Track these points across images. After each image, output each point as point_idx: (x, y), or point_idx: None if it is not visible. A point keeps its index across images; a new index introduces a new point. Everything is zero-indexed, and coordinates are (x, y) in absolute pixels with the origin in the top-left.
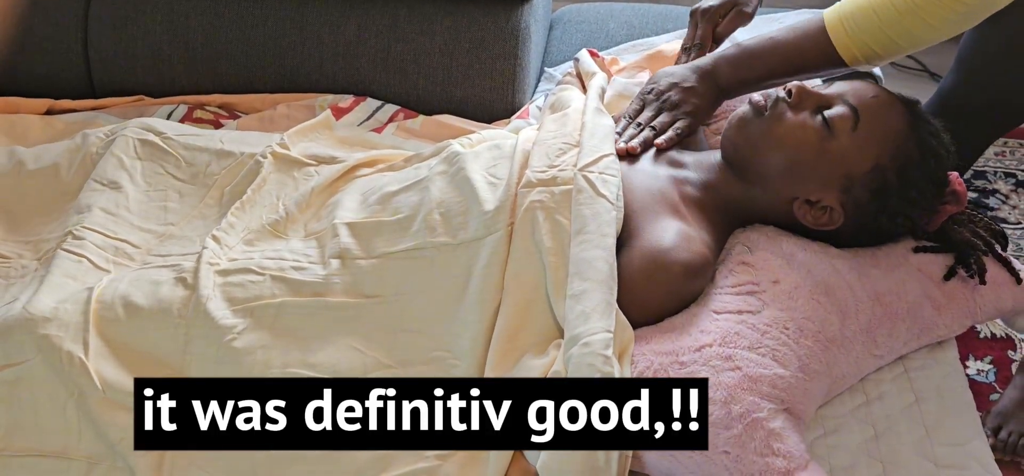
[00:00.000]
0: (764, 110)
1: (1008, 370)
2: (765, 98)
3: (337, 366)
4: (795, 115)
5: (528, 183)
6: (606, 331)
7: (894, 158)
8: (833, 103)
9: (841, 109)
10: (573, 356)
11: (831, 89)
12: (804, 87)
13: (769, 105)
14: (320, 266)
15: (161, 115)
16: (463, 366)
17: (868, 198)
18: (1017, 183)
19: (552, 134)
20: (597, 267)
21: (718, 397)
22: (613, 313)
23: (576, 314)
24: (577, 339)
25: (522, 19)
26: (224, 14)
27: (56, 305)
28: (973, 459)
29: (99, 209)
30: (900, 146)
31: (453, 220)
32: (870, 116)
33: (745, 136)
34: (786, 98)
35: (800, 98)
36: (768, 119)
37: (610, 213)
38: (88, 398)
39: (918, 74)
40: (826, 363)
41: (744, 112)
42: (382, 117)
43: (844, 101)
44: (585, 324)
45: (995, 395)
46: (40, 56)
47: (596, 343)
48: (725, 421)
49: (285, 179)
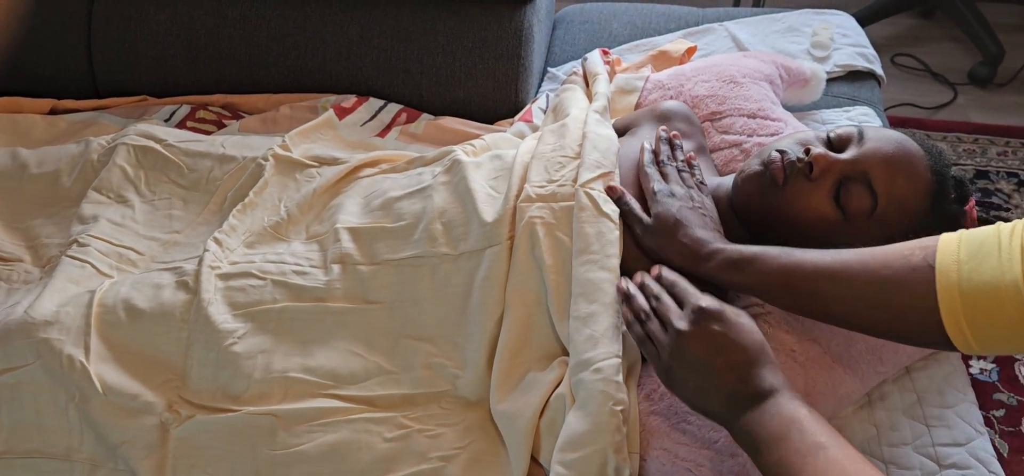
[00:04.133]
0: (782, 181)
1: (1011, 369)
2: (784, 166)
3: (338, 371)
4: (812, 191)
5: (527, 198)
6: (616, 357)
7: (907, 234)
8: (855, 177)
9: (860, 192)
10: (584, 381)
11: (855, 154)
12: (826, 158)
13: (788, 174)
14: (321, 271)
15: (164, 115)
16: (465, 376)
17: None
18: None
19: (551, 147)
20: (604, 289)
21: None
22: (621, 337)
23: (584, 338)
24: (588, 364)
25: (525, 19)
26: (227, 14)
27: (57, 309)
28: (976, 459)
29: (106, 220)
30: (916, 223)
31: (454, 231)
32: (889, 202)
33: (759, 202)
34: (806, 172)
35: (821, 172)
36: (785, 192)
37: (614, 233)
38: (89, 401)
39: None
40: (832, 384)
41: (760, 174)
42: (385, 117)
43: (866, 181)
44: (594, 349)
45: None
46: (44, 56)
47: (608, 369)
48: (730, 448)
49: (287, 181)
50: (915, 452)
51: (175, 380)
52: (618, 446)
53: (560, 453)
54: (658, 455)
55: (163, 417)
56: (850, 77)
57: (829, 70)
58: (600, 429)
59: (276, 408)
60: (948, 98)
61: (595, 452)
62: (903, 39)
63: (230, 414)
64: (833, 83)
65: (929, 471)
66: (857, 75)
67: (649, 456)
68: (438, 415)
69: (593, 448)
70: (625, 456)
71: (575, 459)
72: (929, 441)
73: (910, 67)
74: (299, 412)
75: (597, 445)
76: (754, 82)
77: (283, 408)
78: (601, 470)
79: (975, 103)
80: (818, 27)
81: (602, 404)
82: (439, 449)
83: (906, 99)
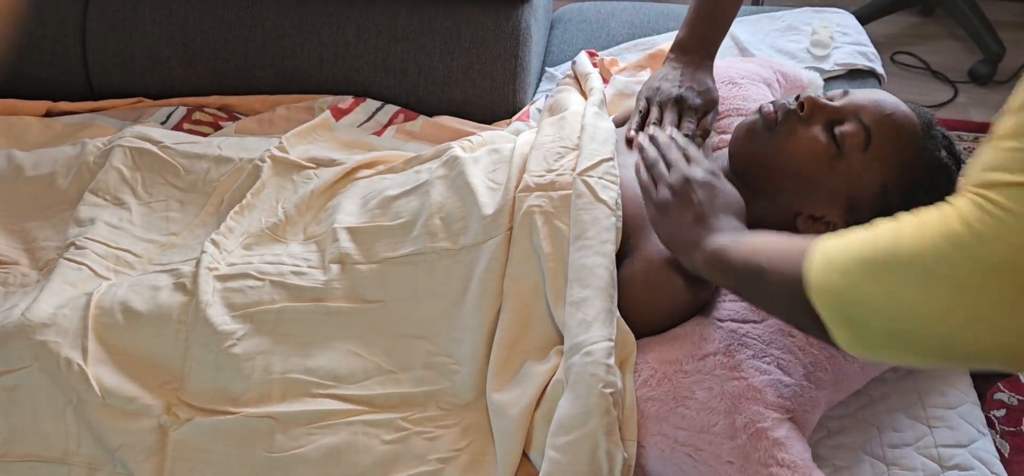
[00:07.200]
0: (775, 123)
1: None
2: (776, 109)
3: (337, 371)
4: (806, 130)
5: (526, 187)
6: (608, 340)
7: (902, 179)
8: (846, 118)
9: (853, 127)
10: (575, 365)
11: (845, 101)
12: (816, 100)
13: (780, 117)
14: (320, 271)
15: (160, 117)
16: (464, 371)
17: (872, 215)
18: None
19: (550, 138)
20: (598, 274)
21: (722, 407)
22: (614, 321)
23: (577, 322)
24: (579, 348)
25: (522, 19)
26: (223, 15)
27: (54, 311)
28: (978, 460)
29: (103, 222)
30: (910, 167)
31: (453, 225)
32: (882, 136)
33: (754, 149)
34: (798, 111)
35: (812, 111)
36: (778, 133)
37: (609, 219)
38: (87, 404)
39: (920, 72)
40: (832, 370)
41: (754, 122)
42: (382, 118)
43: (857, 118)
44: (586, 333)
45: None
46: (39, 58)
47: (598, 352)
48: (729, 431)
49: (284, 182)
50: (917, 453)
51: (173, 382)
52: (609, 429)
53: (552, 438)
54: (656, 440)
55: (161, 420)
56: (850, 75)
57: (829, 68)
58: (590, 412)
59: (275, 410)
60: (948, 96)
61: (585, 434)
62: (903, 37)
63: (229, 417)
64: (833, 82)
65: (931, 472)
66: (857, 73)
67: (647, 442)
68: (437, 416)
69: (583, 431)
70: (617, 439)
71: (566, 443)
72: (932, 442)
73: (910, 65)
74: (298, 414)
75: (587, 428)
76: (753, 84)
77: (282, 410)
78: (592, 453)
79: (975, 101)
80: (818, 25)
81: (591, 387)
82: (438, 451)
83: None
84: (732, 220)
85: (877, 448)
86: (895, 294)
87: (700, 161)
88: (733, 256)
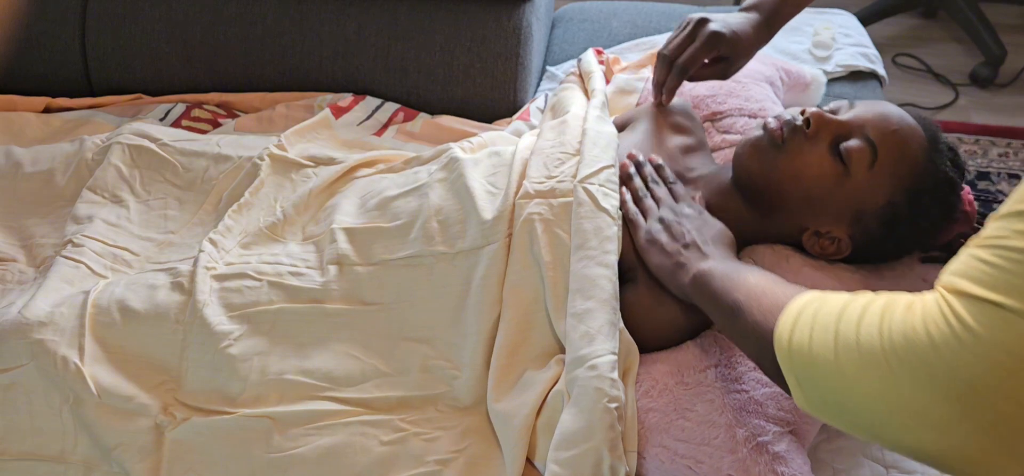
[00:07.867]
0: (781, 141)
1: None
2: (782, 126)
3: (334, 373)
4: (812, 148)
5: (526, 194)
6: (611, 353)
7: (908, 192)
8: (851, 133)
9: (859, 144)
10: (578, 378)
11: (850, 115)
12: (822, 115)
13: (786, 135)
14: (318, 272)
15: (159, 114)
16: (463, 376)
17: (878, 228)
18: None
19: (550, 143)
20: (600, 285)
21: (722, 420)
22: (617, 334)
23: (580, 334)
24: (583, 361)
25: (524, 17)
26: (223, 12)
27: (51, 309)
28: None
29: (101, 220)
30: (915, 180)
31: (451, 229)
32: (888, 152)
33: (760, 166)
34: (804, 128)
35: (818, 128)
36: (785, 151)
37: (612, 228)
38: (84, 403)
39: (921, 74)
40: None
41: (759, 138)
42: (382, 116)
43: (863, 135)
44: (590, 346)
45: None
46: (38, 54)
47: (602, 366)
48: (729, 444)
49: (283, 181)
50: None
51: (170, 382)
52: (613, 443)
53: (554, 452)
54: (657, 452)
55: (158, 419)
56: (852, 77)
57: (831, 70)
58: (594, 427)
59: (272, 411)
60: (949, 99)
61: (589, 449)
62: (905, 39)
63: (226, 417)
64: (835, 83)
65: (933, 473)
66: (859, 75)
67: (648, 453)
68: (435, 418)
69: (587, 445)
70: (620, 454)
71: (569, 457)
72: None
73: (911, 67)
74: (295, 415)
75: (591, 443)
76: (755, 83)
77: (279, 411)
78: (595, 468)
79: (976, 104)
80: (820, 26)
81: (596, 401)
82: (436, 453)
83: (907, 99)
84: (723, 249)
85: (877, 451)
86: (844, 372)
87: (685, 198)
88: (716, 284)
